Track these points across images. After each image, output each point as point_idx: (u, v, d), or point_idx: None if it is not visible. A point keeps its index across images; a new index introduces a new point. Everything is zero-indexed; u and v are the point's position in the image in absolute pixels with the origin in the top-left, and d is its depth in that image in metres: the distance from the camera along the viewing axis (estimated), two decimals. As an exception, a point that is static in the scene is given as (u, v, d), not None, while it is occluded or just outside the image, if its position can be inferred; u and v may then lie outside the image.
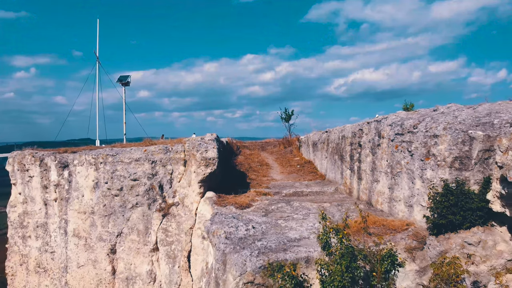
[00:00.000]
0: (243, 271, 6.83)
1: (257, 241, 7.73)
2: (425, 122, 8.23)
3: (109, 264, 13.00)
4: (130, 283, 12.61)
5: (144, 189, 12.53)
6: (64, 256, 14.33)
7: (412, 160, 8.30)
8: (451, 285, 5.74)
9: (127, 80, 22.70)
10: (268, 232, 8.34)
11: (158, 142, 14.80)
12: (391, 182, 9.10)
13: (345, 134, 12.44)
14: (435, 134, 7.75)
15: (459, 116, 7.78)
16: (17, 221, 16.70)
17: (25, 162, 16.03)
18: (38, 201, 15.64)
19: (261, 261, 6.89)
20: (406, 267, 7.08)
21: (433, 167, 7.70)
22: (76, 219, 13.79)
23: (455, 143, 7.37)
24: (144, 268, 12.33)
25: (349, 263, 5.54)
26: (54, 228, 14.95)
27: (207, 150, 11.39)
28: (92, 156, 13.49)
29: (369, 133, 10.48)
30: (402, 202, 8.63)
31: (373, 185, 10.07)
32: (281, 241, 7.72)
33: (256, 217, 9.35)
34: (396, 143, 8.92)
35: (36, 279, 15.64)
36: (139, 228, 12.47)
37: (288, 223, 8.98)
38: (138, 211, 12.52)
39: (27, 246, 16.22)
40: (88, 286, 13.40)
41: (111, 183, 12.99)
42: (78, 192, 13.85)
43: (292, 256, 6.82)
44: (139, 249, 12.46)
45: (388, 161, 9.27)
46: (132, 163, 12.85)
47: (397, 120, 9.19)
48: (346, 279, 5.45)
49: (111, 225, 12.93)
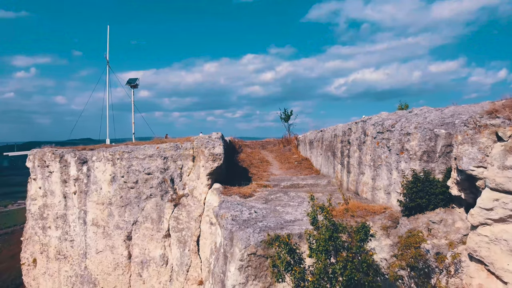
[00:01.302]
0: (247, 244, 8.32)
1: (258, 222, 9.21)
2: (401, 122, 9.70)
3: (125, 250, 14.48)
4: (144, 266, 14.09)
5: (157, 182, 14.00)
6: (83, 243, 15.80)
7: (390, 154, 9.77)
8: (411, 249, 7.20)
9: (135, 82, 24.20)
10: (268, 215, 9.82)
11: (168, 140, 16.27)
12: (374, 174, 10.58)
13: (336, 133, 13.91)
14: (408, 132, 9.22)
15: (429, 117, 9.26)
16: (37, 213, 18.19)
17: (45, 158, 17.52)
18: (58, 194, 17.12)
19: (262, 236, 8.37)
20: (382, 242, 8.57)
21: (406, 160, 9.18)
22: (95, 209, 15.26)
23: (424, 140, 8.85)
24: (157, 252, 13.80)
25: (332, 233, 6.98)
26: (73, 219, 16.42)
27: (214, 147, 12.88)
28: (109, 153, 14.97)
29: (357, 132, 11.96)
30: (382, 190, 10.11)
31: (360, 177, 11.55)
32: (278, 222, 9.20)
33: (257, 204, 10.83)
34: (378, 140, 10.40)
35: (56, 266, 17.12)
36: (153, 216, 13.94)
37: (285, 209, 10.46)
38: (152, 201, 13.99)
39: (47, 236, 17.70)
40: (106, 269, 14.88)
41: (127, 177, 14.46)
42: (96, 185, 15.32)
43: (288, 232, 8.30)
44: (153, 235, 13.94)
45: (371, 155, 10.74)
46: (146, 159, 14.33)
47: (379, 121, 10.66)
48: (329, 245, 6.90)
49: (127, 214, 14.41)
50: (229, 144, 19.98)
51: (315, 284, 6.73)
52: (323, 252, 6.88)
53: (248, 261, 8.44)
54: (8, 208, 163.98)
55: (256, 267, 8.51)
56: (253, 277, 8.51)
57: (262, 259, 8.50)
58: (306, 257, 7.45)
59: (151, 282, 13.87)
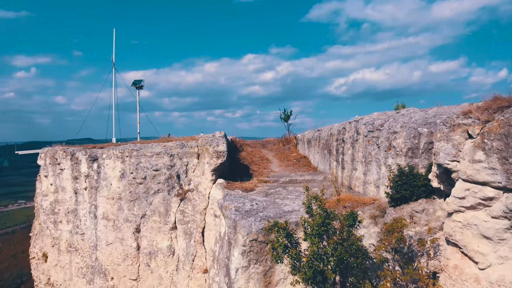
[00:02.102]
0: (249, 231, 9.28)
1: (259, 212, 10.17)
2: (389, 121, 10.65)
3: (134, 241, 15.43)
4: (152, 257, 15.04)
5: (164, 178, 14.95)
6: (94, 236, 16.76)
7: (379, 151, 10.72)
8: (395, 233, 8.13)
9: (140, 84, 25.17)
10: (268, 207, 10.78)
11: (174, 139, 17.21)
12: (365, 169, 11.53)
13: (332, 132, 14.86)
14: (395, 131, 10.17)
15: (414, 117, 10.21)
16: (48, 208, 19.16)
17: (57, 156, 18.48)
18: (69, 190, 18.08)
19: (263, 224, 9.33)
20: (371, 229, 9.53)
21: (393, 156, 10.13)
22: (105, 204, 16.22)
23: (409, 138, 9.80)
24: (164, 243, 14.75)
25: (324, 220, 7.92)
26: (84, 213, 17.38)
27: (218, 145, 13.83)
28: (119, 151, 15.92)
29: (350, 131, 12.90)
30: (372, 184, 11.06)
31: (352, 172, 12.50)
32: (277, 212, 10.16)
33: (258, 197, 11.78)
34: (368, 138, 11.35)
35: (68, 258, 18.08)
36: (160, 210, 14.89)
37: (283, 201, 11.42)
38: (159, 196, 14.94)
39: (58, 230, 18.67)
40: (116, 260, 15.83)
41: (136, 173, 15.41)
42: (106, 181, 16.28)
43: (285, 219, 9.25)
44: (160, 228, 14.89)
45: (362, 152, 11.69)
46: (154, 156, 15.28)
47: (370, 120, 11.62)
48: (321, 230, 7.84)
49: (136, 208, 15.36)
50: (231, 143, 20.91)
51: (309, 264, 7.69)
52: (316, 236, 7.84)
53: (250, 246, 9.39)
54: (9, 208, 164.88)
55: (257, 252, 9.47)
56: (255, 261, 9.47)
57: (263, 245, 9.46)
58: (302, 241, 8.42)
59: (158, 271, 14.82)
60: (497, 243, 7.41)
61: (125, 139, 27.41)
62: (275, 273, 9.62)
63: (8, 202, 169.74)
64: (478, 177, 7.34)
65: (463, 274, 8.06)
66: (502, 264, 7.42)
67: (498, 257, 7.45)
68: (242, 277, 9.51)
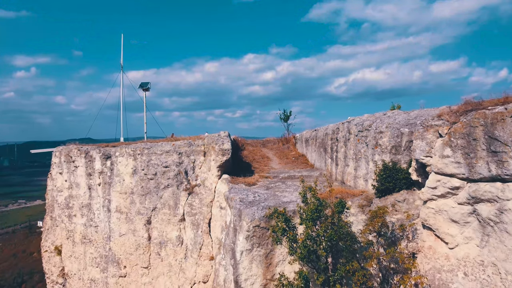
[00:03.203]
0: (252, 219, 10.63)
1: (261, 203, 11.51)
2: (376, 122, 12.00)
3: (145, 232, 16.78)
4: (162, 246, 16.39)
5: (173, 174, 16.30)
6: (107, 228, 18.11)
7: (367, 148, 12.07)
8: (378, 218, 9.46)
9: (147, 86, 26.54)
10: (269, 198, 12.12)
11: (180, 138, 18.56)
12: (355, 165, 12.88)
13: (327, 132, 16.20)
14: (381, 131, 11.52)
15: (397, 118, 11.55)
16: (63, 203, 20.52)
17: (71, 154, 19.83)
18: (83, 186, 19.44)
19: (264, 212, 10.68)
20: (359, 217, 10.86)
21: (379, 153, 11.47)
22: (118, 198, 17.57)
23: (393, 137, 11.14)
24: (174, 234, 16.10)
25: (317, 207, 9.24)
26: (98, 207, 18.73)
27: (223, 143, 15.18)
28: (131, 149, 17.27)
29: (343, 131, 14.25)
30: (361, 178, 12.41)
31: (345, 168, 13.85)
32: (277, 202, 11.50)
33: (260, 190, 13.13)
34: (359, 137, 12.69)
35: (82, 249, 19.43)
36: (170, 203, 16.24)
37: (282, 193, 12.76)
38: (169, 190, 16.29)
39: (73, 223, 20.03)
40: (129, 250, 17.18)
41: (147, 170, 16.76)
42: (119, 177, 17.62)
43: (284, 208, 10.60)
44: (170, 219, 16.23)
45: (353, 150, 13.04)
46: (163, 154, 16.63)
47: (360, 121, 12.96)
48: (314, 216, 9.16)
49: (147, 202, 16.70)
50: (234, 142, 22.26)
51: (304, 244, 9.03)
52: (310, 221, 9.18)
53: (254, 232, 10.75)
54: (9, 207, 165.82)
55: (259, 236, 10.82)
56: (257, 245, 10.82)
57: (264, 230, 10.81)
58: (298, 225, 9.77)
59: (168, 259, 16.17)
60: (463, 226, 8.77)
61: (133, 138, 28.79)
62: (275, 255, 10.96)
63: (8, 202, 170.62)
64: (446, 170, 8.68)
65: (436, 253, 9.41)
66: (467, 244, 8.77)
67: (464, 238, 8.80)
68: (246, 259, 10.86)
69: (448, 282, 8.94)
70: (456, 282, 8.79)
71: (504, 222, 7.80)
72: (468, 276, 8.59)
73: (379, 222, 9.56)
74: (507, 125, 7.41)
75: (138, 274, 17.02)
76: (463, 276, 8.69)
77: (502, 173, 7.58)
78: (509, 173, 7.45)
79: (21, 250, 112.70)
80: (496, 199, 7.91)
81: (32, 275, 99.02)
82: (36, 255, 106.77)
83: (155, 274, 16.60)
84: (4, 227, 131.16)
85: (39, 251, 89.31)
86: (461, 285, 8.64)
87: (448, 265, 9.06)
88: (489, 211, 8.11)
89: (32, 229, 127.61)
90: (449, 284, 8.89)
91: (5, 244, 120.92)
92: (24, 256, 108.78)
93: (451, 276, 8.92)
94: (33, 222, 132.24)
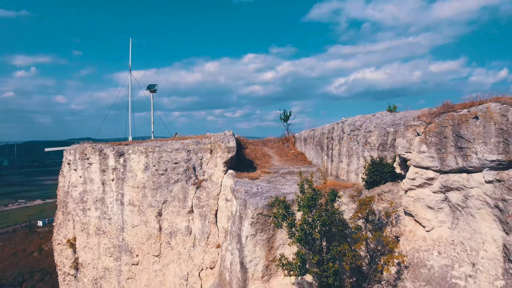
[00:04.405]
0: (256, 207, 12.10)
1: (264, 194, 12.99)
2: (366, 123, 13.48)
3: (156, 223, 18.24)
4: (172, 236, 17.86)
5: (182, 169, 17.77)
6: (120, 220, 19.57)
7: (358, 146, 13.55)
8: (365, 206, 10.92)
9: (154, 88, 28.04)
10: (270, 190, 13.60)
11: (188, 137, 20.02)
12: (348, 161, 14.36)
13: (324, 131, 17.68)
14: (370, 130, 13.00)
15: (384, 119, 13.03)
16: (78, 197, 21.97)
17: (86, 152, 21.28)
18: (97, 181, 20.88)
19: (267, 201, 12.15)
20: (350, 206, 12.35)
21: (368, 150, 12.95)
22: (131, 192, 19.03)
23: (380, 135, 12.62)
24: (183, 224, 17.57)
25: (312, 195, 10.70)
26: (111, 201, 20.18)
27: (229, 141, 16.65)
28: (143, 147, 18.73)
29: (337, 130, 15.72)
30: (353, 172, 13.89)
31: (339, 164, 15.33)
32: (278, 193, 12.97)
33: (262, 183, 14.61)
34: (351, 136, 14.17)
35: (96, 240, 20.88)
36: (179, 197, 17.70)
37: (283, 186, 14.24)
38: (178, 185, 17.75)
39: (87, 216, 21.47)
40: (141, 240, 18.65)
41: (158, 166, 18.23)
42: (132, 173, 19.08)
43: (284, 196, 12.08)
44: (179, 211, 17.70)
45: (346, 148, 14.52)
46: (173, 151, 18.09)
47: (352, 122, 14.44)
48: (310, 203, 10.63)
49: (158, 195, 18.17)
50: (237, 140, 23.73)
51: (301, 227, 10.51)
52: (306, 207, 10.67)
53: (257, 219, 12.23)
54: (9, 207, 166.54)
55: (262, 223, 12.30)
56: (260, 230, 12.30)
57: (267, 218, 12.29)
58: (296, 212, 11.25)
59: (177, 248, 17.64)
60: (437, 211, 10.26)
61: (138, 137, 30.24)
62: (276, 239, 12.45)
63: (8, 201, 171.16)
64: (423, 163, 10.17)
65: (415, 235, 10.89)
66: (440, 227, 10.26)
67: (438, 221, 10.29)
68: (250, 243, 12.34)
69: (425, 260, 10.42)
70: (431, 259, 10.27)
71: (469, 207, 9.29)
72: (441, 254, 10.08)
73: (366, 209, 11.04)
74: (470, 125, 8.89)
75: (150, 262, 18.49)
76: (437, 254, 10.17)
77: (466, 166, 9.07)
78: (472, 166, 8.94)
79: (21, 250, 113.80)
80: (462, 187, 9.40)
81: (32, 274, 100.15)
82: (37, 254, 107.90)
83: (166, 262, 18.07)
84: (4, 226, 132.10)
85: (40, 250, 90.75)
86: (436, 262, 10.12)
87: (425, 246, 10.55)
88: (457, 198, 9.60)
89: (32, 228, 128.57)
90: (426, 262, 10.38)
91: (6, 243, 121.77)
92: (24, 255, 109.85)
93: (427, 255, 10.40)
94: (33, 221, 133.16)
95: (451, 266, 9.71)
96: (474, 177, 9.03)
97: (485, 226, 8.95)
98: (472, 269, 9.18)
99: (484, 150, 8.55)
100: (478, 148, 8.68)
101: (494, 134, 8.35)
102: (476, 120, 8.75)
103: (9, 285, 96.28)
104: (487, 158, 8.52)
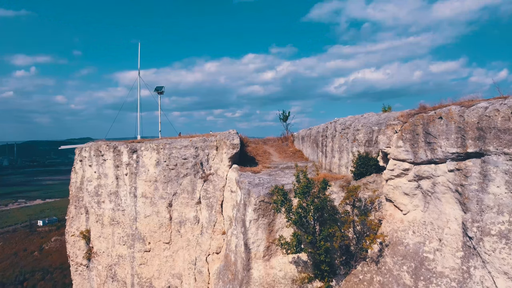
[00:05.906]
0: (259, 195, 13.96)
1: (265, 184, 14.85)
2: (355, 122, 15.35)
3: (167, 214, 20.10)
4: (181, 225, 19.71)
5: (191, 164, 19.62)
6: (133, 211, 21.42)
7: (348, 143, 15.42)
8: (350, 193, 12.78)
9: (162, 89, 29.89)
10: (271, 181, 15.46)
11: (195, 136, 21.86)
12: (339, 156, 16.22)
13: (319, 130, 19.55)
14: (358, 129, 14.86)
15: (371, 119, 14.90)
16: (93, 191, 23.83)
17: (101, 149, 23.14)
18: (111, 176, 22.74)
19: (268, 190, 14.01)
20: (340, 194, 14.20)
21: (356, 146, 14.82)
22: (144, 185, 20.88)
23: (367, 133, 14.49)
24: (191, 214, 19.42)
25: (307, 184, 12.56)
26: (124, 194, 22.03)
27: (233, 139, 18.52)
28: (155, 144, 20.59)
29: (331, 129, 17.59)
30: (344, 166, 15.76)
31: (332, 159, 17.20)
32: (277, 184, 14.82)
33: (264, 176, 16.48)
34: (342, 134, 16.04)
35: (110, 230, 22.74)
36: (188, 189, 19.55)
37: (282, 178, 16.11)
38: (187, 178, 19.61)
39: (101, 208, 23.33)
40: (153, 228, 20.50)
41: (168, 161, 20.08)
42: (144, 168, 20.94)
43: (283, 185, 13.94)
44: (188, 203, 19.55)
45: (338, 144, 16.39)
46: (182, 148, 19.95)
47: (343, 121, 16.31)
48: (305, 190, 12.49)
49: (169, 188, 20.02)
50: (240, 139, 25.58)
51: (297, 211, 12.36)
52: (301, 194, 12.53)
53: (259, 205, 14.08)
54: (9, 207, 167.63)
55: (264, 209, 14.16)
56: (262, 215, 14.16)
57: (268, 204, 14.14)
58: (293, 199, 13.11)
59: (186, 235, 19.49)
60: (412, 197, 12.11)
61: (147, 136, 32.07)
62: (276, 223, 14.30)
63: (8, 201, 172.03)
64: (399, 156, 12.02)
65: (394, 218, 12.75)
66: (415, 210, 12.12)
67: (413, 206, 12.15)
68: (253, 226, 14.19)
69: (402, 238, 12.28)
70: (407, 238, 12.12)
71: (437, 192, 11.15)
72: (415, 233, 11.93)
73: (353, 196, 12.90)
74: (436, 124, 10.75)
75: (161, 248, 20.34)
76: (412, 233, 12.02)
77: (434, 157, 10.93)
78: (438, 157, 10.80)
79: (22, 249, 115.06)
80: (431, 176, 11.26)
81: (33, 273, 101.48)
82: (37, 253, 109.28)
83: (175, 248, 19.92)
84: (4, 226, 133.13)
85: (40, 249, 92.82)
86: (411, 240, 11.97)
87: (402, 226, 12.40)
88: (427, 185, 11.46)
89: (33, 228, 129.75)
90: (403, 240, 12.23)
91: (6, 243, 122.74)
92: (25, 255, 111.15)
93: (404, 234, 12.26)
94: (33, 221, 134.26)
95: (423, 243, 11.55)
96: (440, 167, 10.89)
97: (449, 207, 10.81)
98: (439, 244, 11.04)
99: (447, 144, 10.41)
100: (442, 143, 10.54)
101: (454, 131, 10.21)
102: (440, 120, 10.61)
103: (10, 284, 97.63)
104: (449, 151, 10.37)
